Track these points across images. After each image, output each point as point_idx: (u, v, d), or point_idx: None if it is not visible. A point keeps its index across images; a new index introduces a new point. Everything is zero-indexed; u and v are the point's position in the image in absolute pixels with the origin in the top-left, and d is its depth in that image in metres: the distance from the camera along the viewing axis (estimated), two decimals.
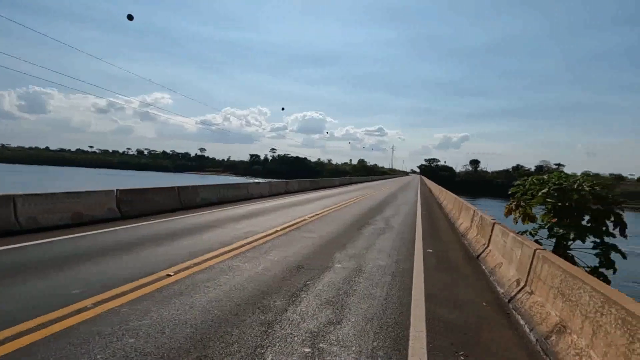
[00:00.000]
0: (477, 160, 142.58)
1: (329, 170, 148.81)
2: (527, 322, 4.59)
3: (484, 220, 9.05)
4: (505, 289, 5.84)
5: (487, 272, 7.15)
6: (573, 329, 3.68)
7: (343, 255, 7.84)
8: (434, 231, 12.27)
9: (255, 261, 6.93)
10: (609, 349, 3.03)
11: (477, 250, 8.64)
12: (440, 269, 7.32)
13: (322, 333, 4.11)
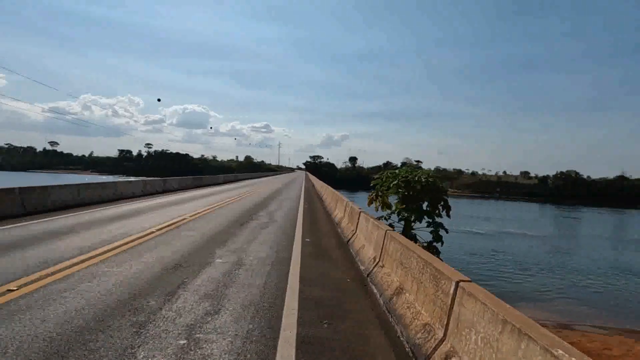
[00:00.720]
0: (355, 158, 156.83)
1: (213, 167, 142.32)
2: (378, 290, 5.60)
3: (353, 210, 10.32)
4: (365, 266, 6.90)
5: (354, 254, 8.26)
6: (407, 288, 4.71)
7: (224, 251, 7.92)
8: (313, 223, 13.29)
9: (125, 265, 6.45)
10: (425, 298, 4.04)
11: (348, 236, 9.82)
12: (315, 256, 8.10)
13: (199, 324, 4.22)
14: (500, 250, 31.08)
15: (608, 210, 77.94)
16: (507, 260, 28.19)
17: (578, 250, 34.88)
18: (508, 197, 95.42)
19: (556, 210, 72.60)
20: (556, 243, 37.61)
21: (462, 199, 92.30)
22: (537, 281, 22.82)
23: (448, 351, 3.17)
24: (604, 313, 17.71)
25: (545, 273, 24.80)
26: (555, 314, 17.57)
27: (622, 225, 57.07)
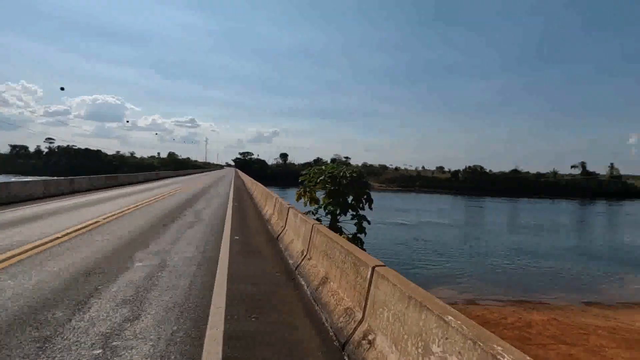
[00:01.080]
0: (286, 154, 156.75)
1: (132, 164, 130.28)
2: (306, 281, 5.82)
3: (282, 206, 10.44)
4: (294, 260, 7.09)
5: (284, 248, 8.40)
6: (331, 277, 5.00)
7: (145, 254, 7.45)
8: (243, 220, 13.10)
9: (24, 275, 5.70)
10: (347, 284, 4.35)
11: (278, 232, 9.92)
12: (244, 253, 8.05)
13: (116, 332, 3.97)
14: (421, 239, 34.04)
15: (505, 199, 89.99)
16: (427, 247, 31.00)
17: (483, 235, 39.79)
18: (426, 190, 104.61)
19: (465, 200, 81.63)
20: (466, 230, 42.39)
21: (387, 192, 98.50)
22: (451, 265, 25.53)
23: (366, 330, 3.48)
24: (502, 288, 20.56)
25: (457, 257, 27.84)
26: (465, 292, 19.91)
27: (516, 212, 66.46)
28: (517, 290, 20.16)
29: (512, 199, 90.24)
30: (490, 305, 17.20)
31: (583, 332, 13.51)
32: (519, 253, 29.97)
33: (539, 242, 35.50)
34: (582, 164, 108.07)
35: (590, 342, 12.68)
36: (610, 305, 18.17)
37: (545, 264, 26.59)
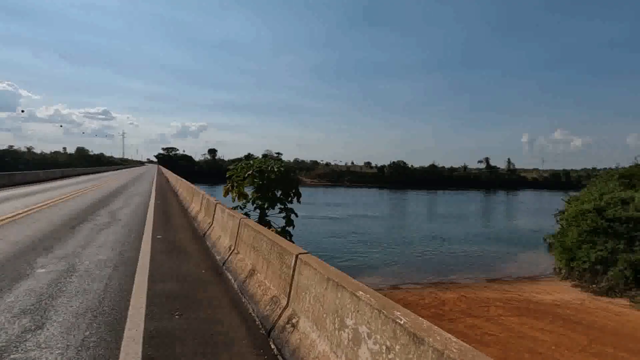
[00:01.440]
0: (215, 150, 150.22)
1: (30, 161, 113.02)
2: (233, 276, 5.80)
3: (209, 203, 10.13)
4: (221, 256, 6.98)
5: (211, 245, 8.19)
6: (258, 269, 5.07)
7: (49, 259, 6.67)
8: (166, 219, 12.38)
9: None
10: (273, 274, 4.47)
11: (205, 229, 9.62)
12: (167, 252, 7.67)
13: (14, 345, 3.56)
14: (352, 231, 35.62)
15: (425, 192, 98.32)
16: (357, 239, 32.56)
17: (406, 225, 43.06)
18: (355, 185, 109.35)
19: (390, 194, 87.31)
20: (391, 221, 45.43)
21: (319, 188, 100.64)
22: (379, 254, 27.21)
23: (290, 314, 3.65)
24: (422, 272, 22.58)
25: (384, 247, 29.77)
26: (390, 278, 21.44)
27: (434, 203, 73.07)
28: (434, 273, 22.31)
29: (431, 191, 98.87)
30: (411, 289, 18.79)
31: (485, 305, 15.52)
32: (436, 239, 33.11)
33: (453, 229, 39.57)
34: (486, 159, 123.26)
35: (490, 312, 14.62)
36: (507, 280, 21.11)
37: (458, 248, 29.81)
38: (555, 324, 13.41)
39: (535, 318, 13.98)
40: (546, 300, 16.51)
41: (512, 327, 13.03)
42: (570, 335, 12.33)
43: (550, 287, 19.21)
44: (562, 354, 10.95)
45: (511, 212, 62.42)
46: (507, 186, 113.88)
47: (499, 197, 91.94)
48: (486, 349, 11.26)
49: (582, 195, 23.57)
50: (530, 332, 12.59)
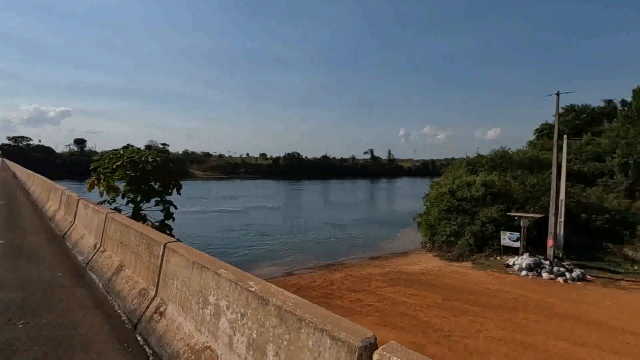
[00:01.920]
0: (83, 140, 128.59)
1: None
2: (98, 275, 5.27)
3: (70, 199, 8.82)
4: (85, 256, 6.22)
5: (72, 246, 7.19)
6: (126, 264, 4.72)
7: None
8: (13, 221, 10.29)
9: None
10: (142, 267, 4.25)
11: (64, 229, 8.36)
12: (13, 257, 6.45)
13: None
14: (249, 223, 35.25)
15: (319, 182, 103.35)
16: (254, 230, 32.42)
17: (302, 214, 44.69)
18: (251, 177, 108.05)
19: (286, 185, 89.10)
20: (288, 210, 46.52)
21: (212, 180, 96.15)
22: (276, 243, 27.66)
23: (158, 304, 3.55)
24: (315, 257, 23.88)
25: (281, 236, 30.36)
26: (285, 266, 22.09)
27: (327, 192, 77.47)
28: (326, 257, 23.86)
29: (324, 181, 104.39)
30: (304, 274, 19.74)
31: (367, 280, 17.36)
32: (328, 226, 35.31)
33: (343, 215, 42.74)
34: (371, 151, 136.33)
35: (371, 286, 16.43)
36: (386, 256, 23.94)
37: (347, 232, 32.40)
38: (420, 288, 15.89)
39: (406, 286, 16.30)
40: (415, 270, 19.38)
41: (388, 296, 14.94)
42: (430, 296, 14.78)
43: (418, 259, 22.58)
44: (424, 312, 13.09)
45: (391, 198, 70.51)
46: (389, 174, 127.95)
47: (381, 185, 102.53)
48: (365, 317, 12.70)
49: (441, 181, 28.09)
50: (401, 298, 14.65)
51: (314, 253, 25.41)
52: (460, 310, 13.21)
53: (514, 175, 25.56)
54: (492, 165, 29.02)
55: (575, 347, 10.16)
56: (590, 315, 12.62)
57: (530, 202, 22.22)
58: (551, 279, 16.52)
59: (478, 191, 22.56)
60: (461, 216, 22.86)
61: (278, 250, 26.41)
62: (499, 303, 13.85)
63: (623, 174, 26.97)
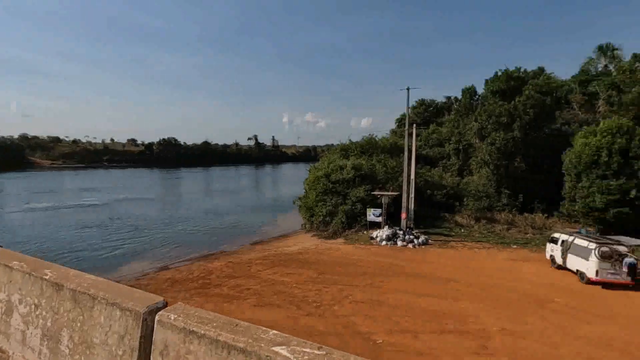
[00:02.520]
0: None
1: None
2: None
3: None
4: None
5: None
6: None
7: None
8: None
9: None
10: None
11: None
12: None
13: None
14: (117, 217, 31.01)
15: (200, 169, 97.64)
16: (124, 225, 28.73)
17: (182, 203, 41.63)
18: (117, 165, 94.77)
19: (163, 173, 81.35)
20: (166, 201, 42.66)
21: (66, 171, 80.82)
22: (151, 237, 25.20)
23: None
24: (194, 248, 22.75)
25: (157, 228, 27.77)
26: (159, 260, 20.45)
27: (210, 180, 73.97)
28: (206, 247, 23.03)
29: (206, 169, 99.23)
30: (180, 267, 18.70)
31: (247, 265, 17.59)
32: (210, 214, 33.95)
33: (226, 203, 41.67)
34: (255, 137, 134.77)
35: (251, 270, 16.73)
36: (267, 240, 24.52)
37: (229, 219, 31.78)
38: (298, 267, 16.96)
39: (284, 266, 17.16)
40: (293, 251, 20.49)
41: (267, 278, 15.49)
42: (306, 273, 15.96)
43: (297, 240, 23.89)
44: (300, 288, 14.09)
45: (275, 183, 71.84)
46: (273, 160, 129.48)
47: (266, 171, 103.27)
48: (245, 301, 12.96)
49: (318, 165, 30.02)
50: (279, 278, 15.40)
51: (193, 244, 24.25)
52: (332, 281, 14.68)
53: (378, 159, 29.11)
54: (362, 150, 32.44)
55: (416, 298, 12.52)
56: (428, 271, 15.63)
57: (390, 182, 25.74)
58: (404, 245, 19.69)
59: (349, 174, 24.96)
60: (335, 197, 25.00)
61: (153, 244, 24.31)
62: (364, 271, 15.88)
63: (456, 157, 33.59)
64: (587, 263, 13.29)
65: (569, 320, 10.65)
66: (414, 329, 10.16)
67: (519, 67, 30.33)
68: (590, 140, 21.11)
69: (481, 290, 13.15)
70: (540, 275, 14.76)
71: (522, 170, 26.27)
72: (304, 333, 10.18)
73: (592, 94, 27.00)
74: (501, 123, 25.90)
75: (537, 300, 12.14)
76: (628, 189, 19.60)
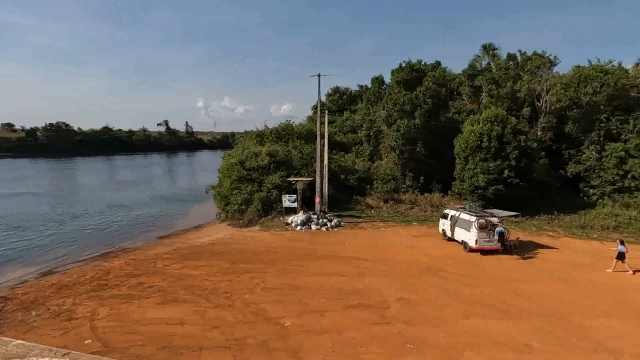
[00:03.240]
0: None
1: None
2: None
3: None
4: None
5: None
6: None
7: None
8: None
9: None
10: None
11: None
12: None
13: None
14: None
15: (102, 158, 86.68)
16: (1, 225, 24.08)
17: (80, 197, 36.36)
18: None
19: (52, 164, 70.14)
20: (57, 196, 36.77)
21: None
22: (35, 238, 21.51)
23: None
24: (90, 247, 20.12)
25: (45, 228, 23.81)
26: (47, 263, 17.65)
27: (114, 170, 66.21)
28: (104, 245, 20.61)
29: (108, 158, 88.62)
30: (71, 269, 16.46)
31: (153, 261, 16.26)
32: (113, 208, 30.38)
33: (133, 195, 37.84)
34: (166, 122, 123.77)
35: (157, 266, 15.51)
36: (178, 233, 22.98)
37: (136, 213, 28.91)
38: (210, 258, 16.24)
39: (194, 259, 16.28)
40: (206, 242, 19.57)
41: (174, 273, 14.52)
42: (218, 264, 15.38)
43: (211, 230, 22.87)
44: (210, 280, 13.52)
45: (190, 172, 67.55)
46: (188, 148, 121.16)
47: (180, 159, 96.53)
48: (146, 300, 11.94)
49: (233, 152, 28.97)
50: (188, 272, 14.56)
51: (89, 242, 21.54)
52: (245, 270, 14.43)
53: (294, 146, 29.23)
54: (278, 136, 32.18)
55: (326, 278, 13.02)
56: (339, 252, 16.36)
57: (306, 167, 26.09)
58: (318, 229, 20.28)
59: (263, 160, 24.60)
60: (250, 185, 24.48)
61: (41, 245, 21.00)
62: (278, 257, 15.94)
63: (368, 143, 35.51)
64: (469, 234, 15.33)
65: (455, 285, 12.18)
66: (322, 309, 10.57)
67: (420, 60, 33.03)
68: (475, 128, 24.09)
69: (384, 265, 14.25)
70: (435, 248, 16.58)
71: (423, 154, 28.90)
72: (211, 326, 9.85)
73: (477, 87, 30.81)
74: (405, 111, 28.01)
75: (431, 271, 13.62)
76: (502, 170, 22.96)
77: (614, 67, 28.25)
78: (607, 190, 24.92)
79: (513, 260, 14.81)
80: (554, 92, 27.36)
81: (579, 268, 14.37)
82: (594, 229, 21.15)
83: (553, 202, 24.81)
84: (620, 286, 12.56)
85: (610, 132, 25.66)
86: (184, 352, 8.52)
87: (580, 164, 26.42)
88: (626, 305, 10.92)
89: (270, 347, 8.55)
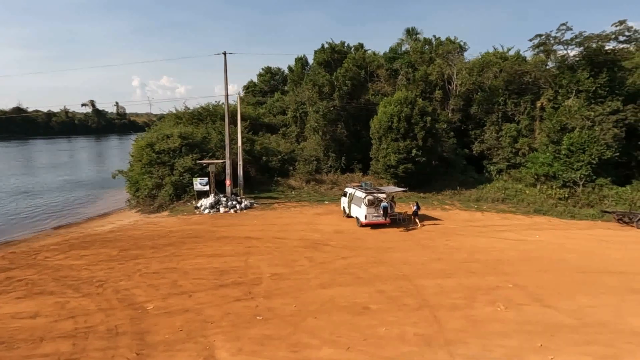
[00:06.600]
0: None
1: None
2: None
3: None
4: None
5: None
6: None
7: None
8: None
9: None
10: None
11: None
12: None
13: None
14: None
15: (15, 142, 77.59)
16: None
17: None
18: None
19: None
20: None
21: None
22: None
23: None
24: None
25: None
26: None
27: (29, 155, 59.71)
28: None
29: (23, 142, 79.61)
30: None
31: (35, 253, 15.04)
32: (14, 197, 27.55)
33: (45, 181, 34.58)
34: (92, 102, 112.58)
35: (36, 259, 14.38)
36: (79, 222, 21.47)
37: (38, 201, 26.43)
38: (99, 247, 15.37)
39: (83, 248, 15.34)
40: (104, 230, 18.50)
41: (53, 264, 13.57)
42: (106, 252, 14.64)
43: (116, 218, 21.66)
44: (90, 269, 12.83)
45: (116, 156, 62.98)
46: (121, 131, 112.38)
47: (110, 143, 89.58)
48: (9, 294, 11.10)
49: (145, 135, 27.37)
50: (69, 262, 13.69)
51: None
52: (132, 257, 13.92)
53: (214, 127, 28.33)
54: (199, 118, 30.94)
55: (212, 260, 13.00)
56: (237, 233, 16.37)
57: (223, 149, 25.45)
58: (226, 211, 20.10)
59: (175, 142, 23.57)
60: (162, 168, 23.41)
61: None
62: (172, 242, 15.57)
63: (295, 124, 35.45)
64: (360, 210, 16.15)
65: (331, 257, 12.84)
66: (193, 290, 10.58)
67: (343, 41, 33.26)
68: (387, 109, 25.05)
69: (274, 244, 14.58)
70: (332, 225, 17.27)
71: (344, 135, 29.56)
72: (67, 316, 9.43)
73: (396, 70, 31.92)
74: (324, 92, 28.25)
75: (315, 245, 14.19)
76: (411, 149, 24.27)
77: (512, 55, 30.70)
78: (503, 167, 27.54)
79: (396, 232, 15.94)
80: (460, 76, 29.20)
81: (446, 235, 15.90)
82: (486, 202, 23.37)
83: (458, 179, 26.90)
84: (471, 249, 14.18)
85: (507, 114, 28.14)
86: (22, 345, 8.10)
87: (483, 143, 28.73)
88: (466, 266, 12.32)
89: (118, 332, 8.43)
